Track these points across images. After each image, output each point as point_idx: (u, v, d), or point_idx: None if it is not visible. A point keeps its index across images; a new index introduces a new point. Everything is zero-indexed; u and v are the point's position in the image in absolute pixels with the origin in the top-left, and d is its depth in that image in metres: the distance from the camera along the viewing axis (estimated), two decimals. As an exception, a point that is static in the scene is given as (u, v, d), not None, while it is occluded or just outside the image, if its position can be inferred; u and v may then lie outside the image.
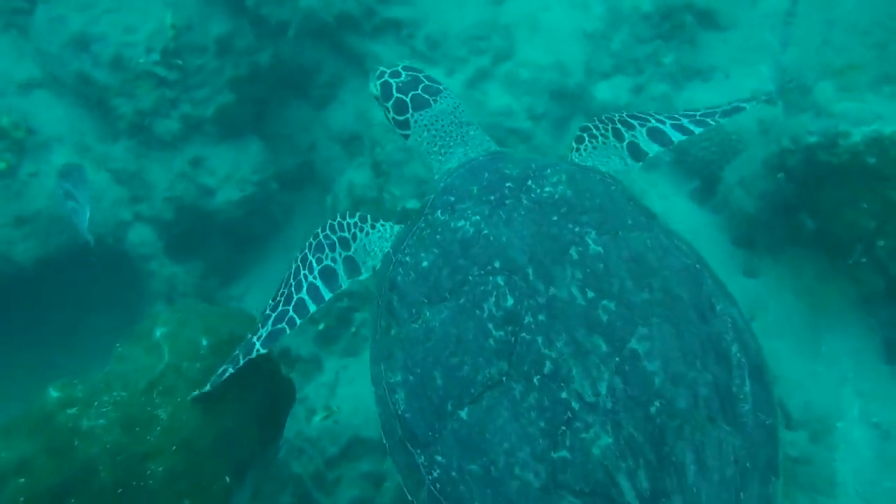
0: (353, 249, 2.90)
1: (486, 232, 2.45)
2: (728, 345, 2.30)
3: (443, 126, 3.04)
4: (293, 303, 2.80)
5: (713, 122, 3.14)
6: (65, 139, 4.85)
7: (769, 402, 2.32)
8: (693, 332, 2.28)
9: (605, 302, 2.26)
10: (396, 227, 2.88)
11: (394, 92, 3.05)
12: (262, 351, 2.63)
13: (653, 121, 3.13)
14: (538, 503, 2.11)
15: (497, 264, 2.37)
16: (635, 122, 3.13)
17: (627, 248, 2.39)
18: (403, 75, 3.11)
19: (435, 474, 2.28)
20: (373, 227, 2.92)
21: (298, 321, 2.77)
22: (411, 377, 2.40)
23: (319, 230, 2.91)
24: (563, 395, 2.15)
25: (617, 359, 2.17)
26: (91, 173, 4.63)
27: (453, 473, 2.23)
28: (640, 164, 3.07)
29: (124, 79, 4.62)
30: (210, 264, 5.28)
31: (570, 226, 2.43)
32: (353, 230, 2.92)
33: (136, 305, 5.05)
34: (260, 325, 2.71)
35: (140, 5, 4.60)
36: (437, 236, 2.53)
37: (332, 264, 2.89)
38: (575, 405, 2.14)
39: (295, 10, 4.87)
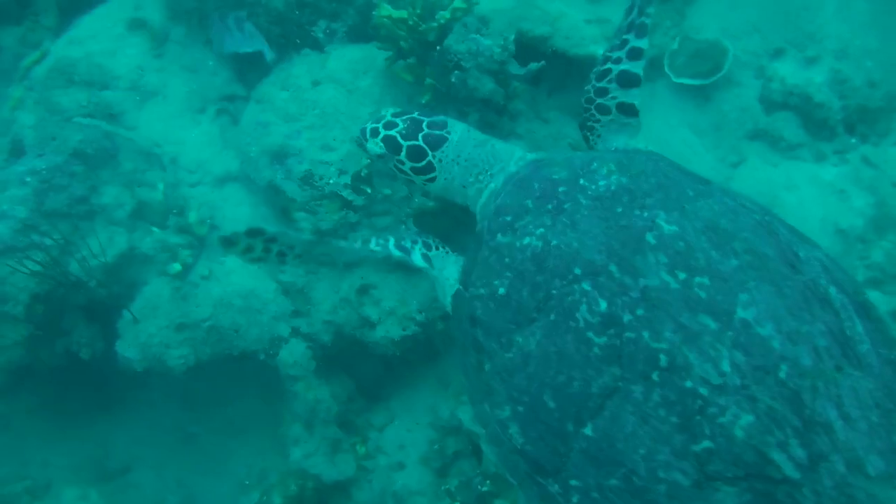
0: (433, 254, 3.03)
1: (555, 242, 2.35)
2: (825, 289, 2.20)
3: (469, 153, 2.93)
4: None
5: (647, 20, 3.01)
6: (244, 240, 4.76)
7: (885, 336, 2.19)
8: (790, 285, 2.18)
9: (698, 279, 2.17)
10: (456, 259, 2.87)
11: (402, 141, 2.90)
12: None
13: (611, 66, 3.02)
14: (692, 501, 2.01)
15: (577, 271, 2.27)
16: (605, 84, 3.04)
17: (699, 220, 2.31)
18: (400, 123, 2.95)
19: (574, 500, 2.17)
20: (451, 252, 3.01)
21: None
22: (520, 408, 2.29)
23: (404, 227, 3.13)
24: (688, 384, 2.06)
25: (730, 333, 2.09)
26: (262, 281, 4.49)
27: (594, 494, 2.13)
28: (637, 117, 3.00)
29: (311, 195, 4.39)
30: (358, 384, 5.00)
31: (637, 212, 2.34)
32: (439, 243, 3.08)
33: (277, 422, 4.87)
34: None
35: (344, 123, 4.34)
36: (506, 259, 2.44)
37: (409, 245, 3.07)
38: (703, 391, 2.05)
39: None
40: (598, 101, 3.04)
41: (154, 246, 4.46)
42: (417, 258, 3.11)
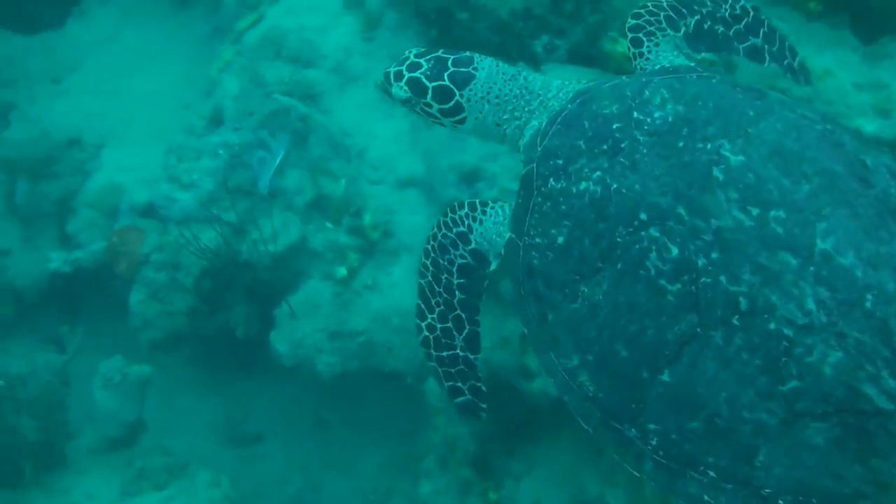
0: (473, 242, 2.74)
1: (615, 186, 2.24)
2: None
3: (500, 89, 2.75)
4: (457, 305, 2.74)
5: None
6: (414, 249, 4.51)
7: None
8: (864, 203, 2.11)
9: (773, 212, 2.08)
10: (507, 208, 2.66)
11: (427, 83, 2.71)
12: (478, 358, 2.76)
13: (698, 15, 2.83)
14: (780, 439, 2.00)
15: (643, 216, 2.18)
16: (685, 10, 2.84)
17: (764, 144, 2.19)
18: (424, 63, 2.75)
19: (654, 442, 2.17)
20: (484, 212, 2.73)
21: (477, 318, 2.77)
22: (589, 357, 2.27)
23: (436, 230, 2.76)
24: (772, 326, 2.00)
25: (811, 268, 2.01)
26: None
27: (674, 436, 2.12)
28: (701, 55, 2.81)
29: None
30: (500, 428, 4.66)
31: (700, 145, 2.21)
32: (466, 221, 2.74)
33: (412, 441, 4.66)
34: (444, 341, 2.73)
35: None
36: (562, 207, 2.33)
37: (464, 260, 2.74)
38: (788, 332, 1.99)
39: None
40: (672, 14, 2.80)
41: (324, 243, 4.31)
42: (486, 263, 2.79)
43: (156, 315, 4.43)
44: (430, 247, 2.77)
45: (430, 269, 2.76)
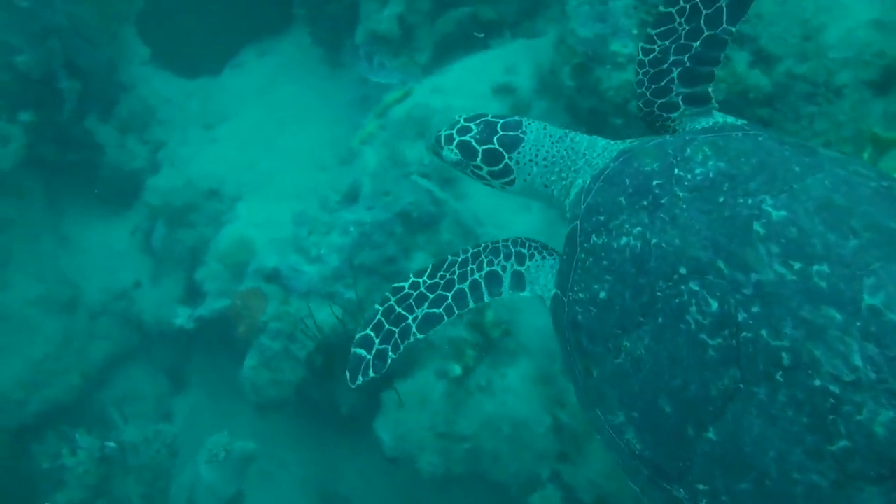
0: (525, 267, 2.76)
1: (655, 241, 2.26)
2: None
3: (548, 151, 2.79)
4: (454, 291, 2.72)
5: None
6: (534, 353, 4.27)
7: None
8: None
9: (816, 267, 2.04)
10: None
11: (476, 146, 2.78)
12: (420, 336, 2.67)
13: (675, 68, 2.68)
14: (833, 501, 1.93)
15: (683, 270, 2.19)
16: (665, 83, 2.71)
17: (811, 199, 2.14)
18: (474, 127, 2.81)
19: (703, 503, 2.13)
20: (551, 254, 2.76)
21: (456, 311, 2.71)
22: (635, 413, 2.25)
23: (500, 239, 2.81)
24: (817, 382, 1.95)
25: (858, 323, 1.94)
26: (537, 412, 3.99)
27: (724, 498, 2.09)
28: (714, 102, 2.69)
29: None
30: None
31: (741, 200, 2.18)
32: (532, 250, 2.78)
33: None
34: (413, 302, 2.66)
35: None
36: (604, 262, 2.37)
37: (501, 272, 2.76)
38: (835, 389, 1.93)
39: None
40: (660, 101, 2.74)
41: (442, 336, 4.13)
42: (508, 286, 2.79)
43: (265, 383, 4.42)
44: (484, 245, 2.81)
45: (467, 255, 2.78)
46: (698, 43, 2.70)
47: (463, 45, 5.13)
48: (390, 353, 2.69)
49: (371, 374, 2.67)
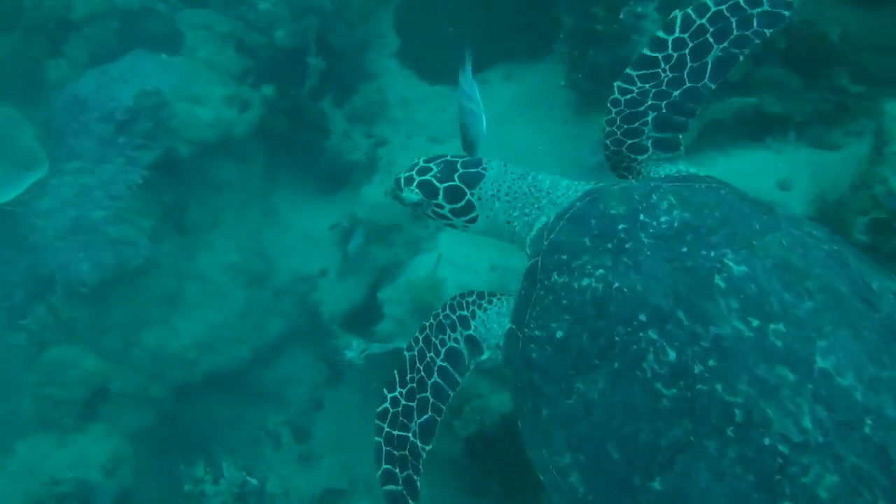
0: (472, 328, 2.75)
1: (617, 285, 2.27)
2: None
3: (510, 187, 2.81)
4: (429, 388, 2.69)
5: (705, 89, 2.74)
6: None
7: None
8: (867, 325, 2.10)
9: (772, 326, 2.09)
10: (512, 301, 2.67)
11: (438, 184, 2.80)
12: (428, 447, 2.64)
13: (649, 112, 2.80)
14: None
15: (643, 317, 2.20)
16: (637, 124, 2.81)
17: (769, 257, 2.22)
18: (434, 167, 2.85)
19: None
20: (490, 301, 2.77)
21: (443, 407, 2.69)
22: (582, 456, 2.24)
23: (440, 311, 2.81)
24: (766, 441, 1.98)
25: (810, 385, 2.01)
26: None
27: None
28: (682, 149, 2.82)
29: None
30: None
31: (704, 252, 2.25)
32: (471, 307, 2.78)
33: None
34: (403, 418, 2.62)
35: None
36: (563, 301, 2.37)
37: (456, 345, 2.75)
38: (783, 449, 1.97)
39: None
40: (630, 142, 2.82)
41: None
42: (467, 357, 2.76)
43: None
44: (428, 324, 2.77)
45: (420, 344, 2.75)
46: (678, 92, 2.74)
47: (734, 135, 4.44)
48: (415, 477, 2.65)
49: (412, 502, 2.65)
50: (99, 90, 5.20)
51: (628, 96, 2.77)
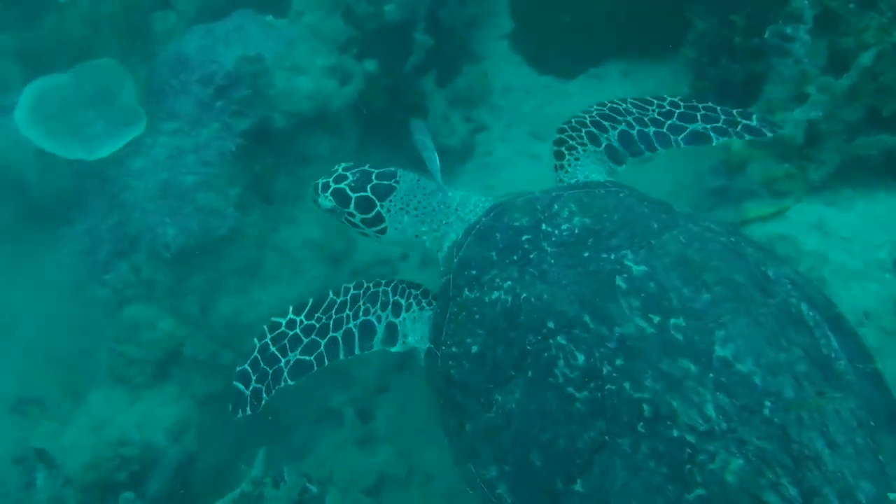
0: (401, 318, 2.79)
1: (524, 295, 2.33)
2: (797, 308, 2.19)
3: (419, 202, 2.88)
4: (327, 338, 2.76)
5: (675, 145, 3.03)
6: None
7: (860, 348, 2.17)
8: (764, 311, 2.17)
9: (673, 320, 2.15)
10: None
11: (350, 193, 2.88)
12: (291, 383, 2.71)
13: (623, 123, 3.03)
14: None
15: (551, 324, 2.25)
16: (607, 124, 3.03)
17: (667, 255, 2.28)
18: (350, 175, 2.93)
19: None
20: (430, 304, 2.80)
21: (327, 362, 2.76)
22: (507, 467, 2.28)
23: (383, 282, 2.87)
24: (675, 433, 2.04)
25: (711, 374, 2.06)
26: None
27: None
28: (624, 166, 2.97)
29: None
30: None
31: (605, 255, 2.31)
32: (411, 300, 2.82)
33: None
34: (287, 343, 2.71)
35: None
36: (476, 316, 2.42)
37: (376, 322, 2.79)
38: (691, 439, 2.03)
39: None
40: (594, 130, 2.98)
41: None
42: (380, 338, 2.84)
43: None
44: (365, 286, 2.83)
45: (345, 297, 2.78)
46: (653, 131, 3.02)
47: (880, 175, 3.95)
48: (264, 395, 2.70)
49: (248, 411, 2.70)
50: (202, 50, 5.09)
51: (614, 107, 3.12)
